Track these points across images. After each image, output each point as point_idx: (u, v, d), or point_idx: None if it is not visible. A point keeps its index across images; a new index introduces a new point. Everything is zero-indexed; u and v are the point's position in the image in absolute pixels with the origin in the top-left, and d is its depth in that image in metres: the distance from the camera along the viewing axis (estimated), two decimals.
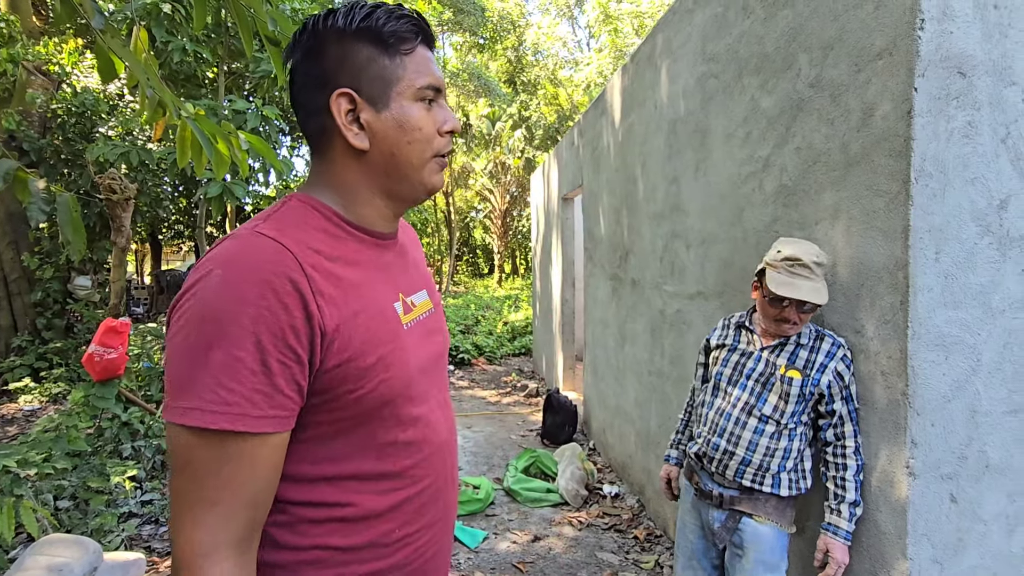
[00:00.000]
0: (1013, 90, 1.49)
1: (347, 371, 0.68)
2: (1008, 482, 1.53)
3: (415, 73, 0.74)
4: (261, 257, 0.64)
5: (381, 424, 0.73)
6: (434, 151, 0.77)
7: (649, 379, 3.34)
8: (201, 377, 0.60)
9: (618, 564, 2.88)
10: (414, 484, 0.77)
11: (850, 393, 1.60)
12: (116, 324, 3.49)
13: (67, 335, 7.19)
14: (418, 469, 0.78)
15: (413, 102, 0.74)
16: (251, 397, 0.61)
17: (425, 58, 0.75)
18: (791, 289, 1.56)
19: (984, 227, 1.49)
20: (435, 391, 0.83)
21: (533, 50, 17.86)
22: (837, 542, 1.52)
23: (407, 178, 0.76)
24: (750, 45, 2.21)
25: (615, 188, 3.98)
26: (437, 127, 0.76)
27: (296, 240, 0.68)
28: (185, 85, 6.66)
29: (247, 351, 0.61)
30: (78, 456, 3.21)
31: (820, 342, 1.65)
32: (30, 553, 2.26)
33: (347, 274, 0.71)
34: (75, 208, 1.67)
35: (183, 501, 0.62)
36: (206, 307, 0.62)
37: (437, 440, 0.81)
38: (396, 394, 0.73)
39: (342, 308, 0.68)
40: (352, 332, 0.68)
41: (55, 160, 7.03)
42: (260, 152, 2.02)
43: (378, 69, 0.72)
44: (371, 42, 0.72)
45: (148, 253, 16.51)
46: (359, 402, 0.70)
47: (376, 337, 0.71)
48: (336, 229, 0.74)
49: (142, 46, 1.81)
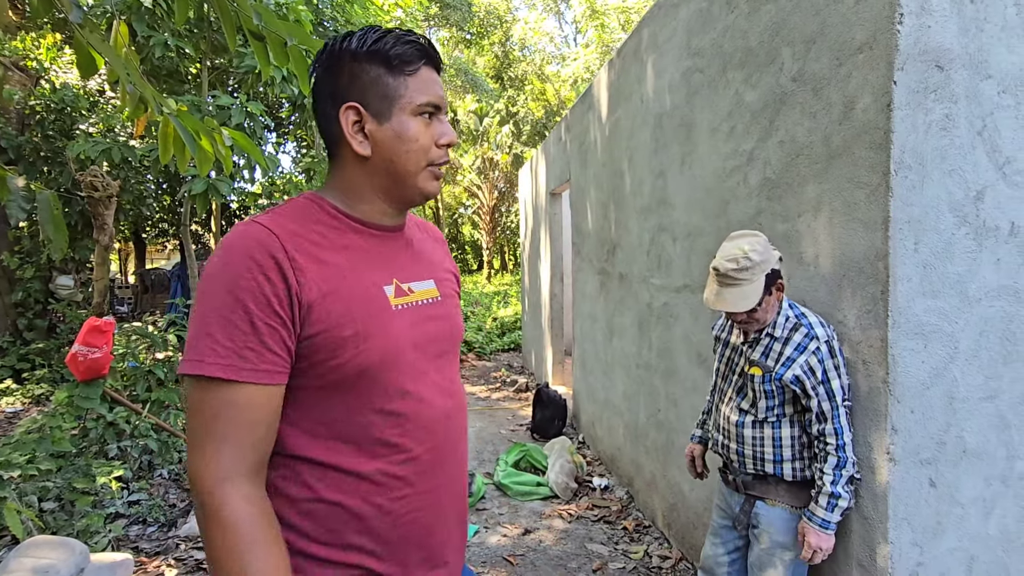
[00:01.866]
0: (989, 83, 1.52)
1: (325, 340, 0.78)
2: (985, 466, 1.57)
3: (416, 91, 0.84)
4: (251, 239, 0.76)
5: (366, 392, 0.81)
6: (429, 160, 0.86)
7: (637, 372, 3.37)
8: (203, 336, 0.74)
9: (607, 555, 2.91)
10: (400, 454, 0.84)
11: (829, 389, 1.56)
12: (100, 323, 3.44)
13: (49, 335, 7.08)
14: (406, 440, 0.84)
15: (412, 117, 0.84)
16: (241, 352, 0.73)
17: (427, 79, 0.85)
18: (715, 301, 1.62)
19: (961, 218, 1.52)
20: (434, 371, 0.89)
21: (520, 45, 17.83)
22: (812, 527, 1.56)
23: (404, 183, 0.86)
24: (734, 39, 2.23)
25: (602, 183, 4.00)
26: (435, 140, 0.86)
27: (284, 227, 0.79)
28: (167, 81, 6.56)
29: (238, 315, 0.73)
30: (63, 457, 3.16)
31: (793, 333, 1.62)
32: (15, 555, 2.24)
33: (333, 258, 0.82)
34: (56, 206, 1.64)
35: (198, 440, 0.74)
36: (209, 281, 0.76)
37: (430, 415, 0.87)
38: (375, 365, 0.81)
39: (321, 284, 0.78)
40: (330, 306, 0.78)
41: (34, 158, 6.90)
42: (245, 148, 2.00)
43: (383, 87, 0.83)
44: (379, 63, 0.83)
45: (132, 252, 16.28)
46: (339, 369, 0.79)
47: (353, 312, 0.80)
48: (334, 221, 0.85)
49: (122, 41, 1.79)
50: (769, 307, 1.63)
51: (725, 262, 1.59)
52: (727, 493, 1.85)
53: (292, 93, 5.95)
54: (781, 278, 1.64)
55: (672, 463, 2.88)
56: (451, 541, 0.93)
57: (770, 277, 1.59)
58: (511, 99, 16.60)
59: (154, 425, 3.82)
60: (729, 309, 1.59)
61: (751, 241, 1.62)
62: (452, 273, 1.03)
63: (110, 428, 3.60)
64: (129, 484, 3.47)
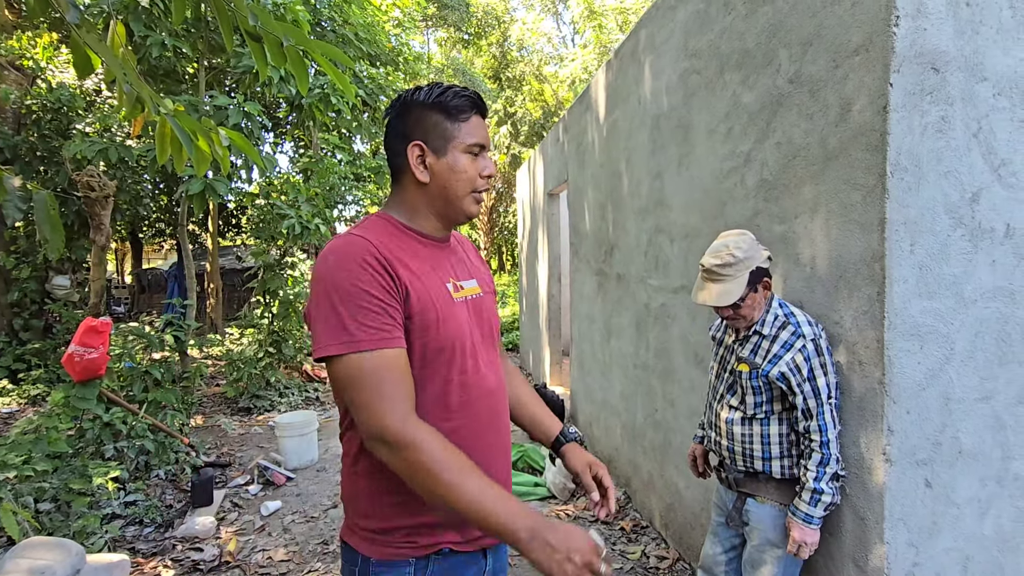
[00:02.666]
0: (984, 85, 1.53)
1: (419, 321, 0.99)
2: (980, 467, 1.58)
3: (467, 134, 1.06)
4: (358, 246, 0.97)
5: (444, 364, 1.02)
6: (473, 188, 1.08)
7: (635, 372, 3.37)
8: (345, 323, 0.92)
9: (605, 555, 2.91)
10: (460, 418, 1.04)
11: (815, 387, 1.57)
12: (96, 324, 3.44)
13: (45, 336, 7.06)
14: (465, 407, 1.05)
15: (463, 153, 1.06)
16: (382, 327, 0.93)
17: (477, 123, 1.08)
18: (698, 296, 1.68)
19: (957, 219, 1.52)
20: (484, 352, 1.11)
21: (518, 46, 17.83)
22: (795, 522, 1.58)
23: (453, 205, 1.08)
24: (731, 41, 2.23)
25: (600, 183, 4.00)
26: (479, 172, 1.08)
27: (376, 238, 1.00)
28: (164, 81, 6.55)
29: (367, 301, 0.93)
30: (59, 458, 3.15)
31: (781, 331, 1.64)
32: (11, 556, 2.23)
33: (411, 261, 1.03)
34: (52, 206, 1.64)
35: (372, 402, 0.91)
36: (328, 281, 0.95)
37: (485, 387, 1.09)
38: (452, 342, 1.02)
39: (411, 279, 0.99)
40: (418, 296, 0.99)
41: (31, 157, 6.88)
42: (242, 149, 2.00)
43: (442, 130, 1.06)
44: (440, 111, 1.06)
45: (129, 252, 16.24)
46: (425, 345, 1.00)
47: (434, 302, 1.01)
48: (401, 233, 1.07)
49: (119, 41, 1.78)
50: (755, 304, 1.66)
51: (710, 258, 1.66)
52: (723, 491, 1.87)
53: (289, 93, 5.94)
54: (768, 276, 1.66)
55: (669, 463, 2.88)
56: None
57: (755, 274, 1.63)
58: (509, 99, 16.60)
59: (151, 426, 3.81)
60: (710, 303, 1.65)
61: (736, 239, 1.67)
62: (487, 275, 1.24)
63: (106, 429, 3.59)
64: (126, 485, 3.46)
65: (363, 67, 7.62)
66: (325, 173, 6.98)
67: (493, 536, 0.90)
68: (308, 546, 3.08)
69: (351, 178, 7.79)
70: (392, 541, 1.02)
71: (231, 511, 3.54)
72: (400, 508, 1.02)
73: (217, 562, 2.90)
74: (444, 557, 1.04)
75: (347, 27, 7.54)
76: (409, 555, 1.02)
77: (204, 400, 6.23)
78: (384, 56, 8.93)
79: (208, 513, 3.39)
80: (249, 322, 7.03)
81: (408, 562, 1.02)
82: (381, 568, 1.02)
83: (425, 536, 1.02)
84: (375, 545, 1.03)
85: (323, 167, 7.04)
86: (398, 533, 1.02)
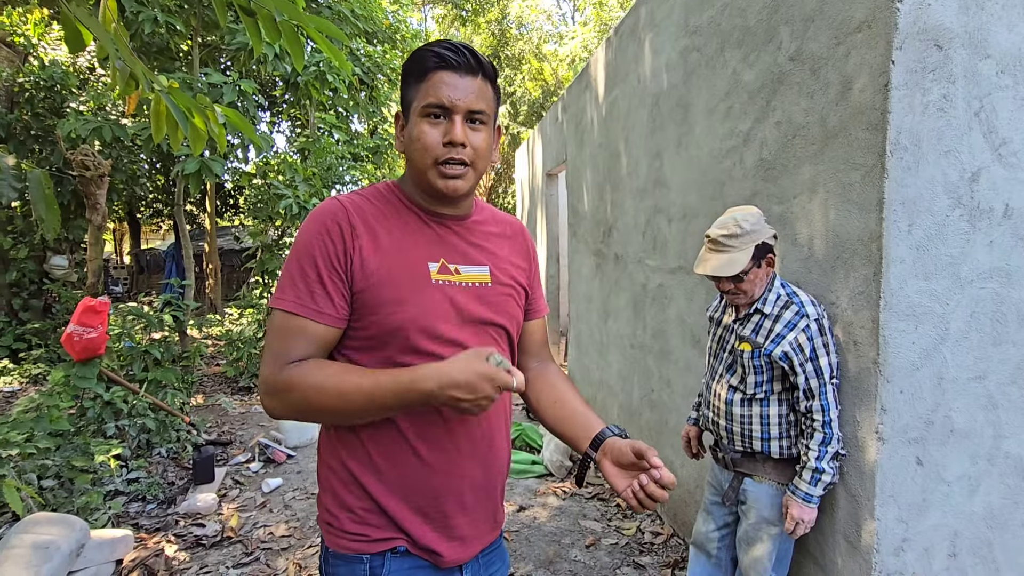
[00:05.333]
0: (988, 63, 1.51)
1: (368, 297, 0.94)
2: (971, 445, 1.60)
3: (423, 95, 0.94)
4: (327, 210, 0.96)
5: (398, 349, 0.95)
6: (434, 159, 0.94)
7: (632, 352, 3.39)
8: (286, 280, 0.94)
9: (600, 531, 2.96)
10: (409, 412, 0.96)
11: (818, 367, 1.58)
12: (95, 303, 3.44)
13: (45, 316, 7.06)
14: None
15: (421, 118, 0.94)
16: (310, 294, 0.92)
17: (437, 82, 0.93)
18: (700, 266, 1.69)
19: (956, 199, 1.52)
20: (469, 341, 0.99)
21: (517, 23, 17.53)
22: (795, 500, 1.60)
23: (419, 178, 0.98)
24: (732, 18, 2.20)
25: (599, 163, 3.97)
26: (439, 139, 0.94)
27: (354, 202, 0.98)
28: (158, 58, 6.45)
29: (310, 267, 0.93)
30: (61, 436, 3.18)
31: (784, 311, 1.64)
32: (15, 531, 2.26)
33: (390, 231, 0.97)
34: (47, 185, 1.63)
35: (267, 352, 0.94)
36: (297, 240, 0.96)
37: None
38: (405, 326, 0.94)
39: (373, 252, 0.94)
40: (376, 269, 0.94)
41: (24, 136, 6.80)
42: (238, 127, 1.97)
43: (408, 95, 0.97)
44: (409, 75, 0.97)
45: (127, 232, 16.18)
46: (375, 324, 0.94)
47: (396, 279, 0.94)
48: (399, 204, 1.01)
49: (111, 16, 1.75)
50: (757, 279, 1.66)
51: (716, 229, 1.67)
52: (718, 470, 1.88)
53: (285, 71, 5.86)
54: (773, 253, 1.66)
55: (665, 442, 2.92)
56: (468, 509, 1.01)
57: (760, 249, 1.63)
58: (508, 78, 16.38)
59: (151, 404, 3.84)
60: (714, 273, 1.65)
61: (744, 213, 1.67)
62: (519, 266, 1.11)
63: (107, 407, 3.61)
64: (128, 462, 3.50)
65: (360, 44, 7.50)
66: (322, 153, 6.91)
67: (412, 404, 0.87)
68: (309, 522, 3.13)
69: (348, 158, 7.72)
70: (345, 528, 0.97)
71: (232, 488, 3.59)
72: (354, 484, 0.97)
73: (219, 537, 2.94)
74: (401, 557, 0.97)
75: (343, 3, 7.40)
76: (363, 550, 0.96)
77: (204, 380, 6.27)
78: (381, 33, 8.78)
79: (210, 490, 3.43)
80: (248, 302, 7.03)
81: (362, 559, 0.96)
82: (337, 561, 0.98)
83: (378, 527, 0.97)
84: (331, 535, 0.99)
85: (320, 147, 6.98)
86: (349, 517, 0.97)
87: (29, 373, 6.08)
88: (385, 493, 0.96)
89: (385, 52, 7.93)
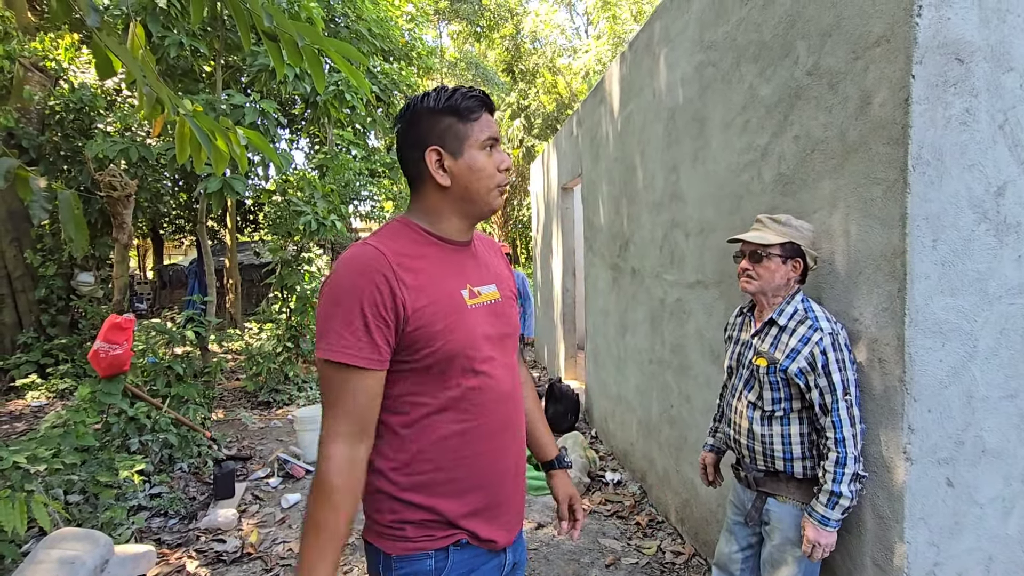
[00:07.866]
0: (1011, 76, 1.49)
1: (422, 333, 1.02)
2: (1004, 466, 1.55)
3: (479, 131, 1.09)
4: (365, 258, 1.01)
5: (458, 372, 1.06)
6: (495, 183, 1.11)
7: (650, 367, 3.36)
8: (331, 332, 0.98)
9: (620, 550, 2.92)
10: (473, 420, 1.08)
11: (831, 382, 1.54)
12: (120, 320, 3.51)
13: (71, 331, 7.23)
14: (478, 410, 1.09)
15: (479, 151, 1.08)
16: (359, 345, 0.98)
17: (487, 120, 1.10)
18: (737, 236, 1.75)
19: (981, 214, 1.49)
20: (500, 355, 1.14)
21: (531, 38, 17.71)
22: (810, 522, 1.55)
23: (477, 203, 1.10)
24: (748, 32, 2.20)
25: (614, 177, 3.97)
26: (496, 166, 1.10)
27: (389, 247, 1.04)
28: (182, 80, 6.64)
29: (357, 317, 0.98)
30: (86, 451, 3.24)
31: (799, 325, 1.61)
32: (43, 547, 2.31)
33: (425, 267, 1.06)
34: (76, 205, 1.68)
35: (325, 416, 1.00)
36: (334, 289, 1.00)
37: (500, 390, 1.12)
38: (459, 351, 1.05)
39: (419, 292, 1.02)
40: (425, 307, 1.02)
41: (54, 157, 7.02)
42: (258, 147, 2.02)
43: (456, 131, 1.08)
44: (451, 114, 1.08)
45: (150, 248, 16.53)
46: (433, 354, 1.03)
47: (443, 311, 1.04)
48: (421, 239, 1.10)
49: (139, 42, 1.81)
50: (776, 274, 1.66)
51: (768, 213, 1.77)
52: (740, 489, 1.85)
53: (304, 90, 5.99)
54: (804, 264, 1.67)
55: (685, 459, 2.87)
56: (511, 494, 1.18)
57: (793, 248, 1.66)
58: (522, 92, 16.53)
59: (174, 420, 3.90)
60: (743, 238, 1.70)
61: (797, 217, 1.75)
62: (509, 279, 1.26)
63: (131, 423, 3.67)
64: (150, 477, 3.55)
65: (376, 62, 7.64)
66: (340, 169, 7.03)
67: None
68: None
69: (365, 174, 7.83)
70: (409, 535, 1.05)
71: (252, 503, 3.61)
72: (412, 503, 1.05)
73: (239, 553, 2.96)
74: (463, 548, 1.08)
75: (360, 23, 7.56)
76: (428, 548, 1.05)
77: (224, 394, 6.35)
78: (397, 51, 8.94)
79: (230, 505, 3.46)
80: (267, 317, 7.13)
81: (428, 554, 1.05)
82: (402, 563, 1.05)
83: (440, 529, 1.06)
84: (394, 541, 1.05)
85: (338, 163, 7.09)
86: (412, 527, 1.05)
87: (56, 388, 6.21)
88: (443, 500, 1.06)
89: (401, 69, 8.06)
